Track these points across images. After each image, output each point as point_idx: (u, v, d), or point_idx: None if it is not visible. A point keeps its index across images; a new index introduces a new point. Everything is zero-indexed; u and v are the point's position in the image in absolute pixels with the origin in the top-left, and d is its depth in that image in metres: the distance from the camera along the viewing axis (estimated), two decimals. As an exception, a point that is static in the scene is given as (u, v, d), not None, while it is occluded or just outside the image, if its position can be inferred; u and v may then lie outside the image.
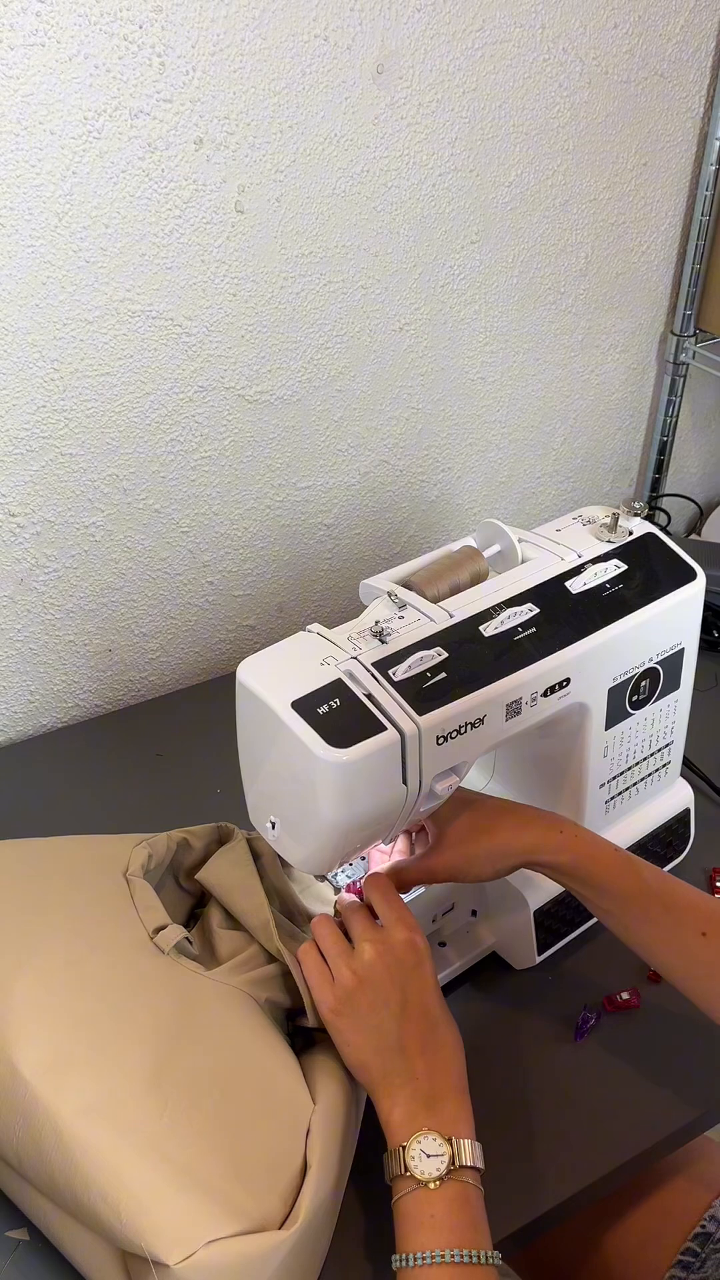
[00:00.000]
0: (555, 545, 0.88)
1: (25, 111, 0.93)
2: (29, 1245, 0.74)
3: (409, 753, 0.74)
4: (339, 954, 0.77)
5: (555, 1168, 0.80)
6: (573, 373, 1.45)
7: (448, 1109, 0.71)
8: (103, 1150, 0.66)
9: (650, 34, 1.25)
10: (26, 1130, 0.68)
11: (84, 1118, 0.67)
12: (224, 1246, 0.63)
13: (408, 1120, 0.71)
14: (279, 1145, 0.69)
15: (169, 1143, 0.67)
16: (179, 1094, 0.69)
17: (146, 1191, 0.64)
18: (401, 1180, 0.69)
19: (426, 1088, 0.72)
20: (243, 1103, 0.71)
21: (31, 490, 1.09)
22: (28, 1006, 0.72)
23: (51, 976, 0.74)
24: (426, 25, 1.09)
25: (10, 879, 0.82)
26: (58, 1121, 0.67)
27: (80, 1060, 0.70)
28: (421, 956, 0.77)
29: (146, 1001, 0.74)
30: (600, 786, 0.93)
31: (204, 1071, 0.71)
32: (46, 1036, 0.71)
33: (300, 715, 0.73)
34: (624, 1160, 0.81)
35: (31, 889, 0.81)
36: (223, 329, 1.12)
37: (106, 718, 1.24)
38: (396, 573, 0.85)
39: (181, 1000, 0.75)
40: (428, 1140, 0.69)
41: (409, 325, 1.26)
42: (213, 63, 0.99)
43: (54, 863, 0.84)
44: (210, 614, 1.29)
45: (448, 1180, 0.68)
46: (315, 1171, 0.69)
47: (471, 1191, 0.69)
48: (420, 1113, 0.71)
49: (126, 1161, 0.65)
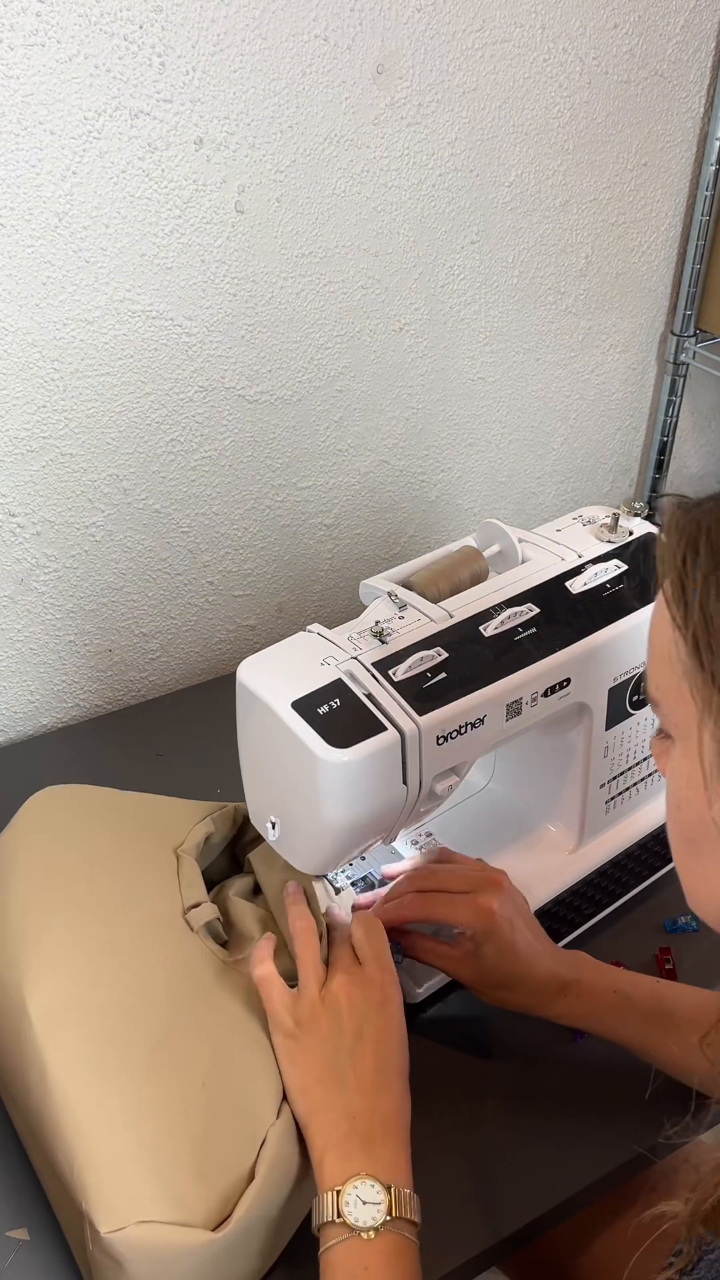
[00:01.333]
0: (555, 545, 0.88)
1: (25, 111, 0.93)
2: (29, 1245, 0.74)
3: (409, 753, 0.74)
4: (310, 974, 0.75)
5: (555, 1168, 0.80)
6: (573, 373, 1.45)
7: (385, 1153, 0.67)
8: (76, 1104, 0.68)
9: (650, 34, 1.25)
10: (23, 1065, 0.72)
11: (69, 1069, 0.70)
12: (154, 1230, 0.64)
13: (342, 1161, 0.66)
14: (235, 1148, 0.69)
15: (139, 1116, 0.69)
16: (165, 1073, 0.71)
17: (102, 1154, 0.66)
18: (331, 1228, 0.64)
19: (364, 1127, 0.68)
20: (219, 1098, 0.71)
21: (31, 490, 1.09)
22: (55, 952, 0.76)
23: (85, 930, 0.77)
24: (426, 25, 1.09)
25: (73, 826, 0.85)
26: (45, 1065, 0.70)
27: (84, 1015, 0.73)
28: (388, 1002, 0.74)
29: (163, 975, 0.76)
30: (600, 786, 0.93)
31: (195, 1058, 0.73)
32: (62, 985, 0.74)
33: (300, 715, 0.73)
34: (624, 1160, 0.81)
35: (88, 841, 0.84)
36: (223, 329, 1.12)
37: (106, 718, 1.24)
38: (396, 573, 0.85)
39: (195, 982, 0.77)
40: (364, 1186, 0.64)
41: (409, 325, 1.26)
42: (213, 63, 0.99)
43: (117, 820, 0.87)
44: (210, 614, 1.29)
45: (383, 1231, 0.63)
46: (258, 1183, 0.67)
47: (407, 1246, 0.64)
48: (356, 1154, 0.66)
49: (94, 1122, 0.68)
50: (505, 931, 0.80)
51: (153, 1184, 0.66)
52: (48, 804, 0.87)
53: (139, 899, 0.81)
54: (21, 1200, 0.77)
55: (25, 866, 0.82)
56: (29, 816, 0.86)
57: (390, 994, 0.74)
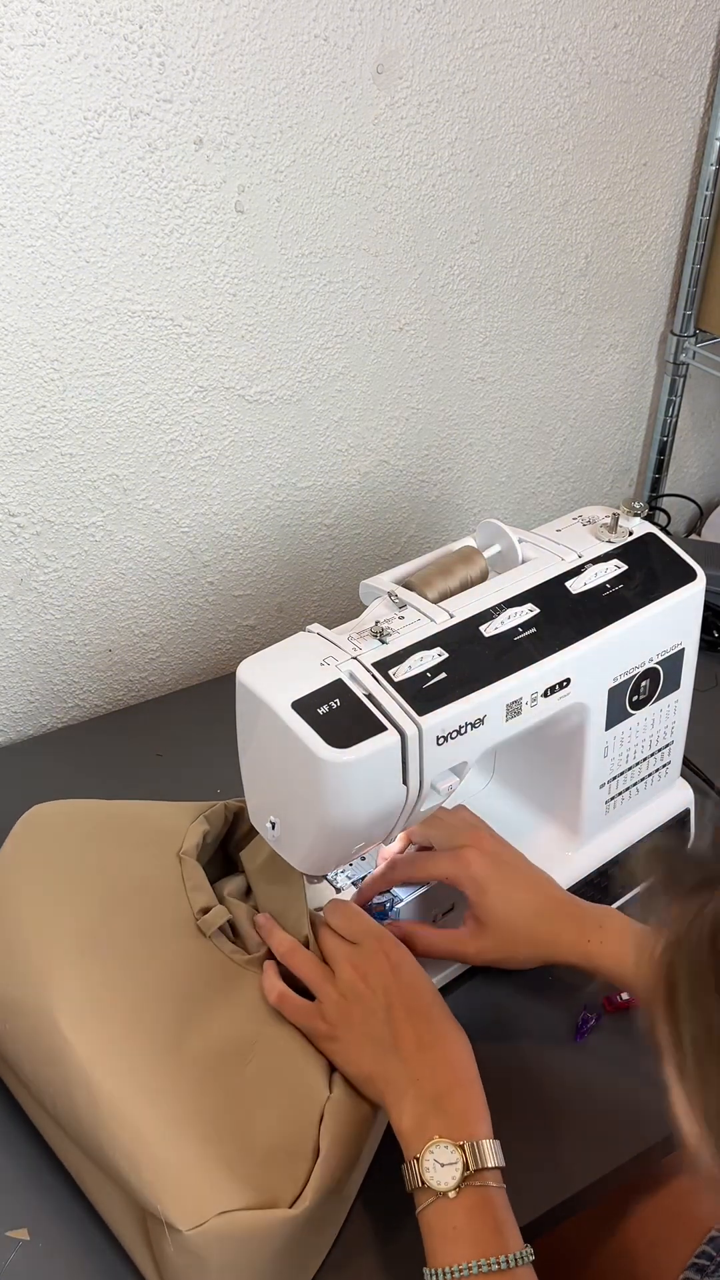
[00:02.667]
0: (555, 545, 0.88)
1: (25, 111, 0.93)
2: (29, 1245, 0.74)
3: (409, 753, 0.74)
4: (321, 979, 0.77)
5: (555, 1168, 0.80)
6: (573, 372, 1.45)
7: (455, 1105, 0.70)
8: (129, 1113, 0.69)
9: (650, 34, 1.25)
10: (63, 1083, 0.72)
11: (116, 1079, 0.71)
12: (234, 1219, 0.66)
13: (418, 1127, 0.69)
14: (294, 1129, 0.72)
15: (195, 1114, 0.70)
16: (209, 1068, 0.73)
17: (167, 1157, 0.68)
18: (420, 1193, 0.68)
19: (430, 1087, 0.71)
20: (266, 1086, 0.73)
21: (31, 490, 1.09)
22: (74, 968, 0.76)
23: (99, 942, 0.78)
24: (426, 25, 1.09)
25: (70, 840, 0.85)
26: (91, 1079, 0.70)
27: (118, 1026, 0.74)
28: (398, 964, 0.77)
29: (182, 979, 0.78)
30: (600, 787, 0.93)
31: (234, 1050, 0.74)
32: (89, 999, 0.75)
33: (300, 715, 0.73)
34: (624, 1161, 0.81)
35: (89, 854, 0.84)
36: (223, 329, 1.12)
37: (106, 718, 1.24)
38: (396, 573, 0.85)
39: (214, 982, 0.78)
40: (440, 1149, 0.68)
41: (409, 325, 1.26)
42: (213, 63, 0.99)
43: (114, 828, 0.87)
44: (210, 614, 1.29)
45: (465, 1188, 0.67)
46: (325, 1157, 0.71)
47: (492, 1194, 0.67)
48: (429, 1116, 0.69)
49: (150, 1127, 0.69)
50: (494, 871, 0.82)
51: (223, 1176, 0.68)
52: (39, 822, 0.87)
53: (149, 907, 0.81)
54: (22, 1200, 0.77)
55: (27, 887, 0.82)
56: (22, 837, 0.86)
57: (396, 957, 0.77)
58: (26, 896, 0.81)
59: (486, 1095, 0.74)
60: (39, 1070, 0.74)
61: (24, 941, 0.78)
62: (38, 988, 0.75)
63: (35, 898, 0.81)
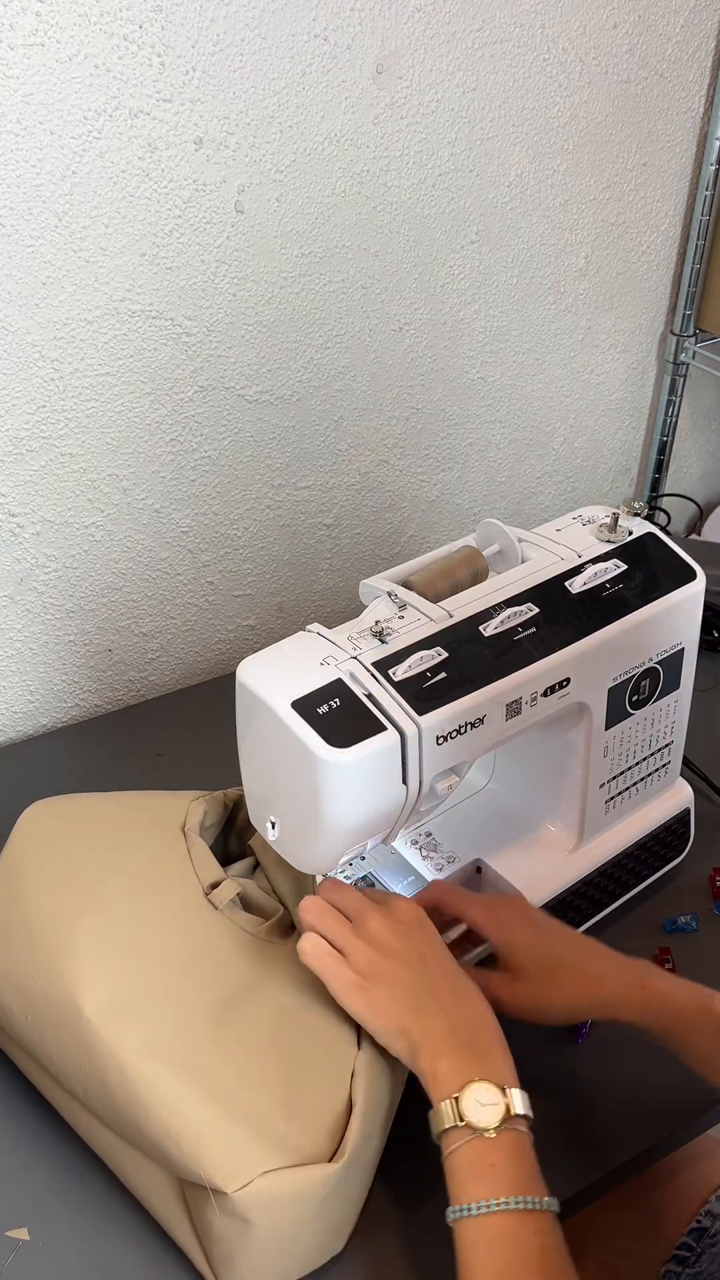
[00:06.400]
0: (555, 545, 0.88)
1: (25, 111, 0.93)
2: (29, 1245, 0.74)
3: (409, 753, 0.74)
4: (345, 931, 0.76)
5: (555, 1168, 0.80)
6: (573, 372, 1.45)
7: (494, 1058, 0.70)
8: (164, 1087, 0.70)
9: (650, 34, 1.25)
10: (91, 1067, 0.73)
11: (145, 1057, 0.72)
12: (277, 1177, 0.68)
13: (457, 1070, 0.69)
14: (326, 1086, 0.73)
15: (225, 1082, 0.72)
16: (234, 1037, 0.74)
17: (205, 1125, 0.69)
18: (455, 1132, 0.67)
19: (469, 1038, 0.71)
20: (293, 1046, 0.74)
21: (31, 490, 1.09)
22: (91, 952, 0.77)
23: (114, 924, 0.79)
24: (426, 25, 1.09)
25: (73, 830, 0.86)
26: (121, 1060, 0.71)
27: (140, 1004, 0.75)
28: (424, 920, 0.77)
29: (201, 952, 0.79)
30: (600, 786, 0.93)
31: (257, 1017, 0.76)
32: (108, 980, 0.75)
33: (300, 715, 0.73)
34: (624, 1160, 0.81)
35: (93, 841, 0.85)
36: (223, 329, 1.12)
37: (106, 718, 1.24)
38: (396, 573, 0.85)
39: (233, 952, 0.80)
40: (480, 1089, 0.67)
41: (409, 325, 1.26)
42: (213, 63, 0.99)
43: (115, 817, 0.88)
44: (210, 614, 1.29)
45: (503, 1129, 0.66)
46: (359, 1111, 0.72)
47: (526, 1140, 0.68)
48: (469, 1061, 0.69)
49: (185, 1098, 0.70)
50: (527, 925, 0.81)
51: (262, 1137, 0.69)
52: (42, 816, 0.88)
53: (160, 886, 0.82)
54: (22, 1200, 0.77)
55: (36, 877, 0.82)
56: (26, 830, 0.87)
57: (422, 916, 0.77)
58: (36, 886, 0.82)
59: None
60: (66, 1057, 0.75)
61: (40, 931, 0.79)
62: (58, 975, 0.76)
63: (46, 887, 0.82)
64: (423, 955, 0.74)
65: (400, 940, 0.75)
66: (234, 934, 0.81)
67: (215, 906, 0.82)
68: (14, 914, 0.81)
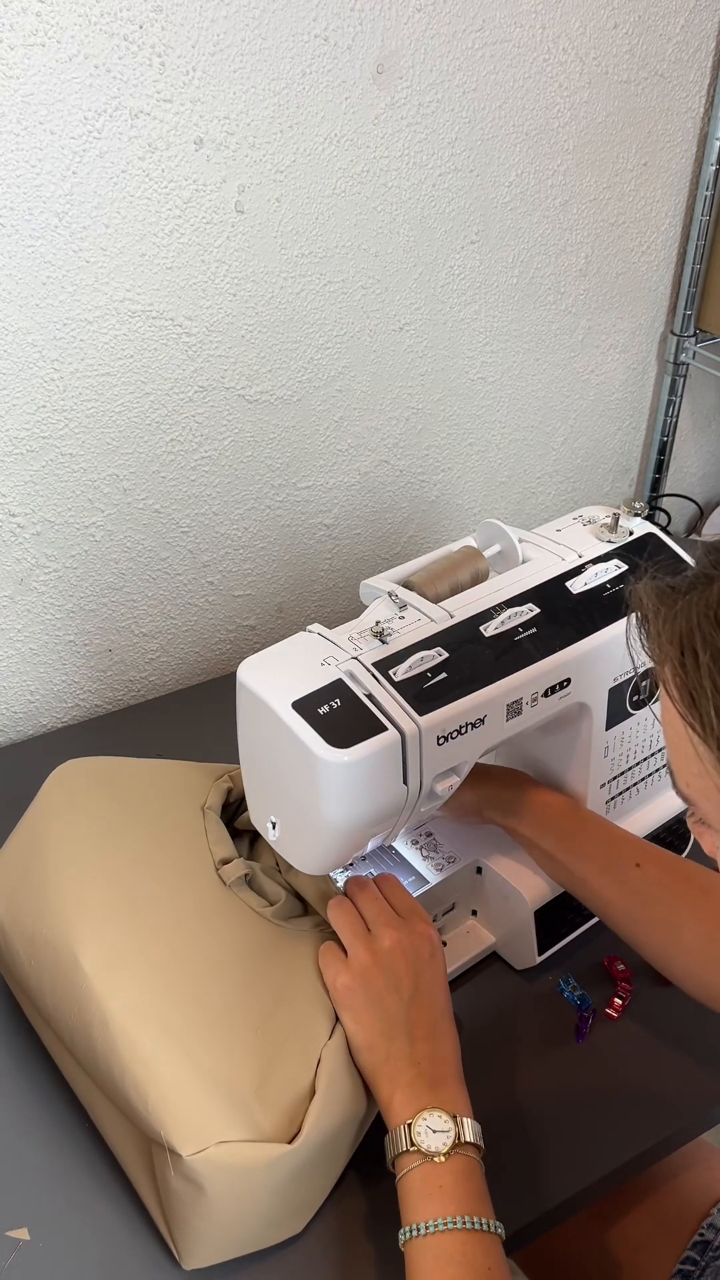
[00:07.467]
0: (555, 545, 0.88)
1: (25, 111, 0.93)
2: (29, 1245, 0.74)
3: (409, 753, 0.74)
4: (357, 936, 0.78)
5: (555, 1168, 0.80)
6: (573, 372, 1.45)
7: (449, 1091, 0.72)
8: (142, 1045, 0.72)
9: (650, 34, 1.25)
10: (79, 1016, 0.75)
11: (130, 1014, 0.73)
12: (232, 1149, 0.69)
13: (411, 1100, 0.71)
14: (293, 1070, 0.74)
15: (202, 1050, 0.73)
16: (221, 1010, 0.76)
17: (173, 1087, 0.71)
18: (406, 1157, 0.70)
19: (429, 1072, 0.73)
20: (275, 1027, 0.76)
21: (31, 490, 1.09)
22: (98, 908, 0.79)
23: (123, 885, 0.81)
24: (426, 25, 1.09)
25: (99, 791, 0.88)
26: (106, 1013, 0.73)
27: (136, 964, 0.76)
28: (436, 951, 0.79)
29: (203, 924, 0.80)
30: (601, 786, 0.93)
31: (248, 995, 0.77)
32: (109, 937, 0.77)
33: (300, 715, 0.73)
34: (624, 1161, 0.81)
35: (117, 804, 0.87)
36: (223, 329, 1.12)
37: (106, 718, 1.24)
38: (396, 573, 0.85)
39: (233, 928, 0.81)
40: (433, 1117, 0.70)
41: (409, 325, 1.26)
42: (213, 63, 0.99)
43: (141, 783, 0.90)
44: (210, 614, 1.29)
45: (453, 1154, 0.69)
46: (319, 1097, 0.73)
47: (475, 1165, 0.70)
48: (424, 1092, 0.72)
49: (160, 1058, 0.72)
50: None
51: (226, 1109, 0.70)
52: (71, 775, 0.90)
53: (173, 856, 0.84)
54: (22, 1200, 0.77)
55: (58, 833, 0.84)
56: (54, 788, 0.89)
57: (437, 944, 0.79)
58: (57, 837, 0.84)
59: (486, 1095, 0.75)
60: (59, 1004, 0.77)
61: (54, 882, 0.81)
62: (63, 925, 0.78)
63: (66, 840, 0.84)
64: (416, 988, 0.76)
65: (400, 963, 0.77)
66: (238, 911, 0.82)
67: (224, 882, 0.83)
68: (33, 864, 0.83)
